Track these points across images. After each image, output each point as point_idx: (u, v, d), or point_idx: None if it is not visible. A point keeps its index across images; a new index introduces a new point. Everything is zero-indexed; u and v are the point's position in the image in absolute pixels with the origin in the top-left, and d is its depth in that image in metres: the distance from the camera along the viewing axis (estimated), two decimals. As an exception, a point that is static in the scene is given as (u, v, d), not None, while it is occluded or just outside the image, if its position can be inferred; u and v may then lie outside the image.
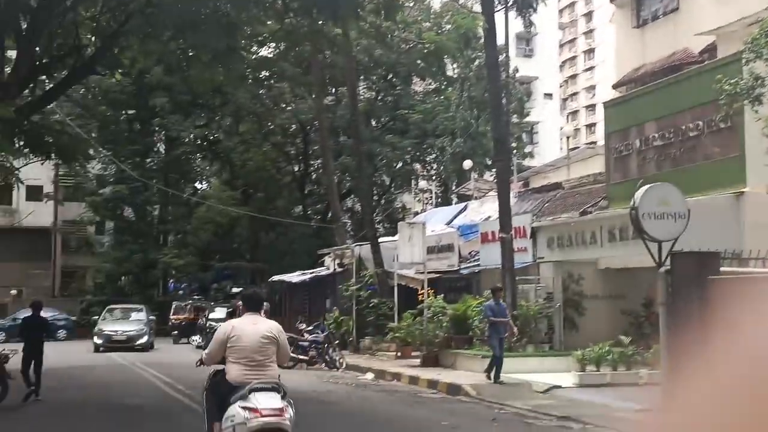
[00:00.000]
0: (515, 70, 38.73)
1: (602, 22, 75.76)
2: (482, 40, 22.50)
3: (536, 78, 58.06)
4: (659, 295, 13.02)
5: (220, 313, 34.24)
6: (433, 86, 48.29)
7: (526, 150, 48.19)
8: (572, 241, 20.26)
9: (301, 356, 22.95)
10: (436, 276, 25.56)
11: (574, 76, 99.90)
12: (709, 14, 22.38)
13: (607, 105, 22.91)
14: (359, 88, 42.19)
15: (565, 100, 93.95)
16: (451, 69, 43.07)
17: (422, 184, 48.69)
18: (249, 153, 49.49)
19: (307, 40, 19.17)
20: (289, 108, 46.02)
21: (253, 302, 8.29)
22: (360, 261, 29.04)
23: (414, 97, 46.48)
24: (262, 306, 9.04)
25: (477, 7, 20.03)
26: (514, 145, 38.32)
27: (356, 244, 31.18)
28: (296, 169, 52.02)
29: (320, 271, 35.30)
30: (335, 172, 39.01)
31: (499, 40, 23.73)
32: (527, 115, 47.09)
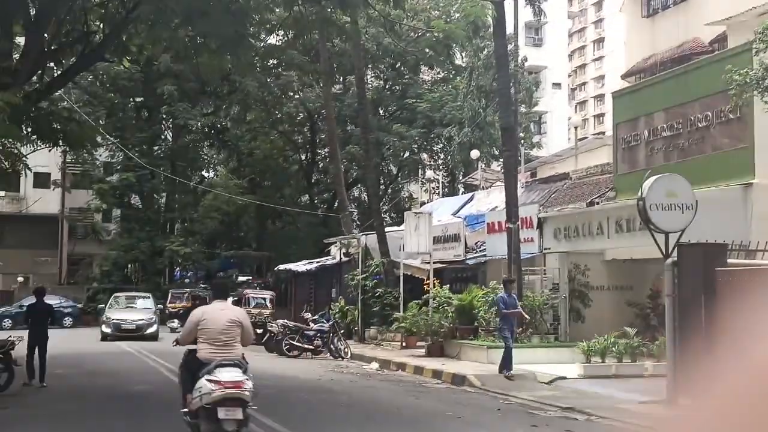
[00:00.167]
0: (524, 60, 38.52)
1: (612, 11, 75.31)
2: (491, 29, 22.38)
3: (545, 67, 57.81)
4: (666, 286, 12.99)
5: (226, 301, 34.31)
6: (441, 75, 48.16)
7: (534, 140, 48.03)
8: (579, 232, 20.21)
9: (306, 345, 23.00)
10: (442, 266, 25.55)
11: (583, 66, 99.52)
12: (719, 4, 22.22)
13: (616, 95, 22.79)
14: (367, 77, 42.09)
15: (573, 90, 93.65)
16: (460, 58, 42.95)
17: (429, 173, 48.58)
18: (256, 141, 49.52)
19: (315, 28, 19.07)
20: (296, 96, 45.97)
21: (221, 291, 9.81)
22: (366, 250, 29.04)
23: (422, 86, 46.36)
24: (228, 294, 10.48)
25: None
26: (521, 135, 38.18)
27: (362, 233, 31.18)
28: (303, 157, 52.02)
29: (326, 261, 35.33)
30: (342, 161, 38.97)
31: (509, 29, 23.63)
32: (535, 105, 46.91)
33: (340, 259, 32.48)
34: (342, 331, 24.45)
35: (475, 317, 21.20)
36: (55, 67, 19.48)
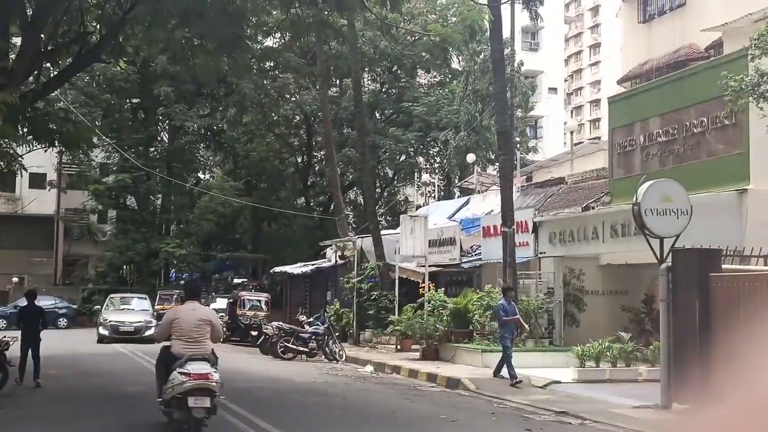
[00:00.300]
0: (520, 64, 38.65)
1: (608, 16, 75.51)
2: (488, 33, 22.41)
3: (541, 72, 57.99)
4: (660, 291, 13.02)
5: (221, 303, 34.25)
6: (437, 79, 48.21)
7: (530, 144, 48.16)
8: (574, 237, 20.23)
9: (301, 348, 22.99)
10: (437, 269, 25.57)
11: (579, 71, 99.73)
12: (715, 10, 22.30)
13: (612, 100, 22.84)
14: (364, 80, 42.12)
15: (569, 94, 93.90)
16: (456, 62, 43.01)
17: (425, 177, 48.63)
18: (252, 143, 49.48)
19: (312, 31, 19.07)
20: (293, 99, 45.94)
21: (193, 292, 10.58)
22: (361, 253, 29.05)
23: (418, 90, 46.39)
24: (200, 295, 11.27)
25: None
26: (517, 139, 38.24)
27: (358, 236, 31.18)
28: (299, 160, 52.01)
29: (322, 263, 35.32)
30: (338, 164, 38.97)
31: (505, 33, 23.67)
32: (532, 110, 47.01)
33: (336, 261, 32.47)
34: (337, 334, 24.46)
35: (470, 321, 21.20)
36: (51, 68, 19.44)
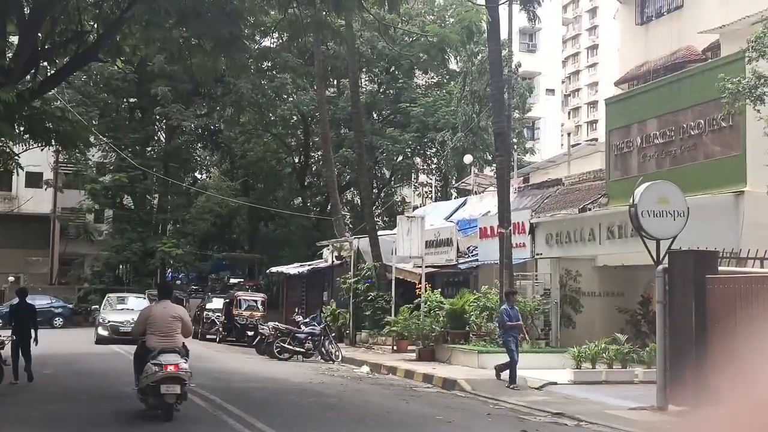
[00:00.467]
0: (518, 65, 38.62)
1: (606, 18, 75.56)
2: (485, 34, 22.41)
3: (539, 73, 58.03)
4: (656, 293, 13.02)
5: (217, 303, 34.19)
6: (435, 80, 48.21)
7: (527, 146, 48.15)
8: (571, 238, 20.24)
9: (297, 348, 22.97)
10: (433, 270, 25.56)
11: (576, 73, 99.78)
12: (713, 12, 22.34)
13: (609, 102, 22.86)
14: (361, 81, 42.12)
15: (567, 96, 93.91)
16: (454, 63, 42.97)
17: (422, 178, 48.62)
18: (250, 144, 49.46)
19: (310, 31, 19.03)
20: (290, 99, 45.89)
21: (166, 292, 12.16)
22: (358, 254, 29.03)
23: (416, 91, 46.36)
24: (171, 295, 12.75)
25: (481, 0, 19.96)
26: (514, 140, 38.24)
27: (355, 236, 31.15)
28: (296, 160, 51.99)
29: (318, 264, 35.29)
30: (335, 165, 38.95)
31: (503, 34, 23.67)
32: (529, 111, 47.00)
33: (332, 262, 32.44)
34: (333, 335, 24.43)
35: (467, 322, 21.21)
36: (48, 67, 19.42)
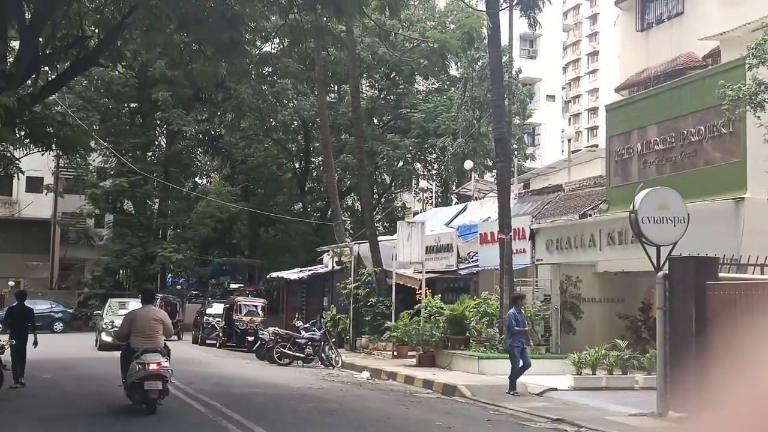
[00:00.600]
0: (518, 71, 38.68)
1: (607, 25, 75.69)
2: (486, 40, 22.44)
3: (539, 79, 58.02)
4: (657, 299, 13.01)
5: (217, 308, 34.20)
6: (435, 86, 48.27)
7: (528, 152, 48.14)
8: (571, 244, 20.24)
9: (297, 353, 22.95)
10: (434, 276, 25.53)
11: (577, 79, 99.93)
12: (713, 19, 22.37)
13: (609, 108, 22.87)
14: (362, 86, 42.15)
15: (567, 102, 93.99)
16: (454, 68, 43.05)
17: (422, 183, 48.63)
18: (250, 149, 49.49)
19: (310, 37, 19.07)
20: (291, 104, 45.95)
21: (148, 297, 13.18)
22: (359, 259, 29.03)
23: (416, 96, 46.44)
24: (153, 299, 13.71)
25: (482, 6, 19.97)
26: (515, 146, 38.27)
27: (355, 242, 31.16)
28: (297, 166, 52.03)
29: (318, 269, 35.29)
30: (336, 170, 38.97)
31: (503, 40, 23.69)
32: (529, 117, 47.06)
33: (333, 267, 32.44)
34: (333, 340, 24.41)
35: (467, 328, 21.19)
36: (49, 72, 19.45)
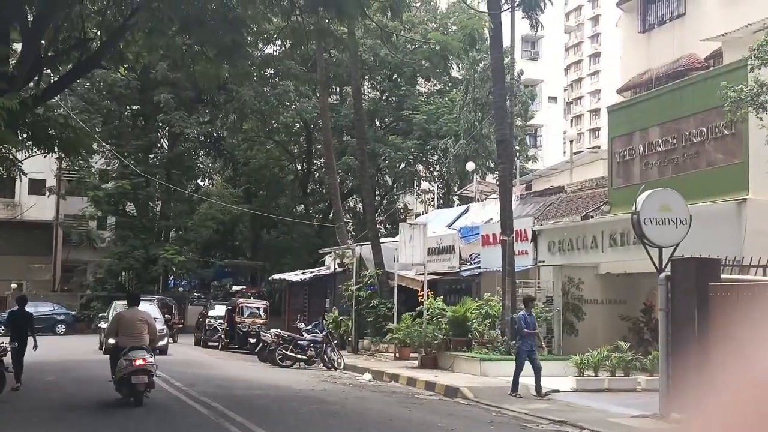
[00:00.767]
0: (520, 73, 38.67)
1: (608, 26, 75.69)
2: (488, 42, 22.44)
3: (541, 81, 57.99)
4: (659, 301, 13.00)
5: (219, 310, 34.21)
6: (437, 87, 48.27)
7: (530, 153, 48.17)
8: (573, 246, 20.22)
9: (300, 355, 22.95)
10: (436, 277, 25.53)
11: (579, 80, 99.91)
12: (715, 20, 22.34)
13: (611, 109, 22.86)
14: (364, 88, 42.16)
15: (569, 103, 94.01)
16: (456, 70, 43.10)
17: (424, 185, 48.65)
18: (252, 151, 49.52)
19: (312, 39, 19.10)
20: (293, 106, 45.98)
21: (133, 299, 14.64)
22: (360, 261, 29.01)
23: (418, 98, 46.45)
24: (139, 302, 14.85)
25: (483, 7, 19.96)
26: (517, 147, 38.25)
27: (357, 244, 31.15)
28: (299, 167, 52.05)
29: (320, 271, 35.30)
30: (338, 172, 38.98)
31: (505, 42, 23.69)
32: (531, 118, 47.03)
33: (335, 269, 32.44)
34: (335, 342, 24.41)
35: (469, 329, 21.17)
36: (51, 74, 19.47)
